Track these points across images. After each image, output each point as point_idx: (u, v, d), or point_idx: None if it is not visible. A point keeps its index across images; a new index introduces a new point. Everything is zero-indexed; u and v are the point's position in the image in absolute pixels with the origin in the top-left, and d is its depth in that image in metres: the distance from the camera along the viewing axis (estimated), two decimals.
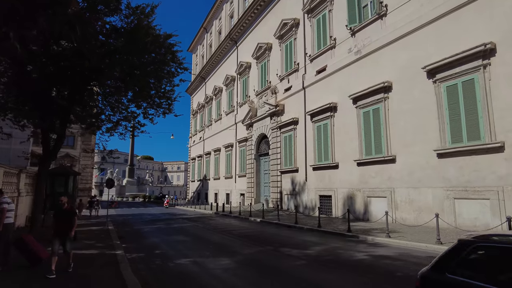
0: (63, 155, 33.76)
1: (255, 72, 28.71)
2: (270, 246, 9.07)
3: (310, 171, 20.16)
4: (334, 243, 9.46)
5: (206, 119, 43.02)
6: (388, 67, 15.38)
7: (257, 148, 27.94)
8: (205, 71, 43.48)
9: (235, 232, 12.41)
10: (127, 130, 11.75)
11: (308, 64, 21.36)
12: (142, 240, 10.78)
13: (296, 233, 12.02)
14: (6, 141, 16.87)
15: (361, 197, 16.30)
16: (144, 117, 11.78)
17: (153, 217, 22.26)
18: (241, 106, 31.62)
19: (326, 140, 18.84)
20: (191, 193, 47.78)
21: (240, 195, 30.27)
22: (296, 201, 21.30)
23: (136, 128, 11.76)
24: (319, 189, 19.26)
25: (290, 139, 22.30)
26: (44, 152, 9.39)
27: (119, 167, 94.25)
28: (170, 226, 15.59)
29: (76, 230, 13.13)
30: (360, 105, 16.60)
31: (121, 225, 16.31)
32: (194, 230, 13.53)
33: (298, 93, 22.04)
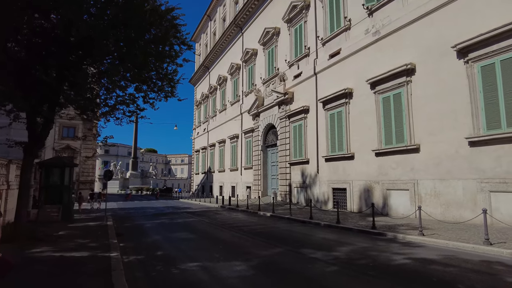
0: (64, 147, 32.86)
1: (262, 59, 27.35)
2: (288, 246, 7.89)
3: (322, 162, 18.93)
4: (361, 243, 8.27)
5: (210, 110, 41.77)
6: (411, 48, 14.03)
7: (264, 139, 26.71)
8: (209, 60, 42.11)
9: (245, 228, 11.25)
10: (125, 116, 10.58)
11: (320, 48, 19.99)
12: (142, 238, 9.66)
13: (313, 230, 10.83)
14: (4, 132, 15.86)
15: (380, 190, 15.08)
16: (144, 102, 10.58)
17: (156, 211, 21.20)
18: (246, 96, 30.33)
19: (340, 129, 17.56)
20: (195, 186, 46.78)
21: (246, 188, 29.16)
22: (306, 194, 20.12)
23: (134, 113, 10.57)
24: (332, 182, 18.04)
25: (300, 128, 21.04)
26: (30, 139, 8.25)
27: (123, 160, 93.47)
28: (174, 221, 14.47)
29: (71, 226, 12.11)
30: (379, 90, 15.28)
31: (121, 220, 15.23)
32: (200, 226, 12.39)
33: (309, 80, 20.70)
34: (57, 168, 14.59)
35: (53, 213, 13.83)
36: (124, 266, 5.82)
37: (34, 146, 8.22)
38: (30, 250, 7.09)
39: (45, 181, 14.46)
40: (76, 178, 32.87)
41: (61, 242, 8.09)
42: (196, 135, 48.29)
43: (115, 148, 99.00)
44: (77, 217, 16.20)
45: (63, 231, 10.26)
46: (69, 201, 14.85)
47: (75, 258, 6.34)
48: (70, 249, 7.19)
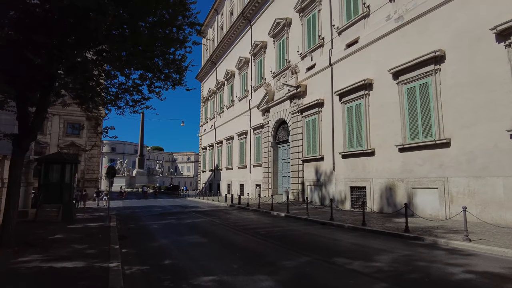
0: (69, 144, 32.10)
1: (272, 52, 26.18)
2: (316, 254, 6.78)
3: (338, 159, 17.76)
4: (400, 249, 7.14)
5: (217, 106, 40.74)
6: (440, 33, 12.81)
7: (275, 135, 25.59)
8: (216, 55, 41.05)
9: (261, 231, 10.17)
10: (128, 105, 9.53)
11: (336, 38, 18.78)
12: (148, 242, 8.61)
13: (337, 233, 9.71)
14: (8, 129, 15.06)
15: (404, 188, 13.90)
16: (149, 91, 9.53)
17: (163, 210, 20.23)
18: (255, 90, 29.21)
19: (359, 123, 16.38)
20: (202, 184, 45.86)
21: (255, 186, 28.09)
22: (321, 193, 18.99)
23: (139, 102, 9.53)
24: (350, 180, 16.88)
25: (314, 123, 19.88)
26: (21, 130, 7.26)
27: (129, 158, 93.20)
28: (182, 221, 13.45)
29: (70, 227, 11.14)
30: (403, 81, 14.08)
31: (125, 220, 14.24)
32: (211, 228, 11.33)
33: (324, 71, 19.52)
34: (57, 165, 13.65)
35: (53, 213, 12.90)
36: (124, 281, 4.78)
37: (25, 139, 7.23)
38: (16, 258, 6.09)
39: (45, 179, 13.53)
40: (81, 176, 32.14)
41: (54, 248, 7.10)
42: (203, 132, 47.33)
43: (122, 146, 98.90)
44: (80, 217, 15.28)
45: (60, 234, 9.29)
46: (70, 200, 13.92)
47: (66, 270, 5.31)
48: (63, 258, 6.17)
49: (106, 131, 10.06)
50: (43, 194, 13.24)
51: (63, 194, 13.49)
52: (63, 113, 31.94)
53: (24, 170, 13.68)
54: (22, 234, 8.83)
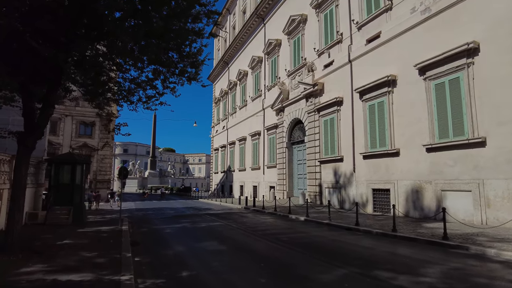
0: (81, 145, 31.93)
1: (287, 50, 25.44)
2: (351, 265, 5.99)
3: (359, 159, 16.89)
4: (446, 260, 6.30)
5: (229, 107, 40.17)
6: (472, 24, 11.89)
7: (289, 136, 24.80)
8: (228, 55, 40.51)
9: (282, 237, 9.41)
10: (140, 101, 8.92)
11: (355, 33, 17.94)
12: (162, 249, 7.95)
13: (367, 240, 8.89)
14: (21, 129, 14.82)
15: (432, 191, 12.98)
16: (163, 87, 8.91)
17: (176, 212, 19.66)
18: (269, 90, 28.49)
19: (382, 122, 15.50)
20: (214, 185, 45.31)
21: (269, 188, 27.32)
22: (340, 195, 18.13)
23: (152, 98, 8.91)
24: (372, 182, 15.98)
25: (332, 123, 19.04)
26: (26, 127, 6.71)
27: (141, 159, 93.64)
28: (197, 225, 12.78)
29: (80, 231, 10.59)
30: (430, 76, 13.18)
31: (138, 223, 13.67)
32: (228, 233, 10.62)
33: (342, 68, 18.68)
34: (67, 165, 13.17)
35: (63, 216, 12.41)
36: None
37: (30, 137, 6.67)
38: (18, 269, 5.49)
39: (55, 180, 13.06)
40: (93, 177, 31.94)
41: (61, 256, 6.50)
42: (214, 133, 46.84)
43: (134, 147, 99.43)
44: (91, 219, 14.78)
45: (69, 239, 8.71)
46: (81, 202, 13.42)
47: (72, 285, 4.66)
48: (70, 269, 5.54)
49: (119, 128, 9.48)
50: (53, 195, 12.77)
51: (73, 195, 13.00)
52: (75, 114, 31.88)
53: (34, 170, 13.25)
54: (29, 239, 8.30)
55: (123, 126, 9.48)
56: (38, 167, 13.40)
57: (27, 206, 12.28)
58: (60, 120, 31.18)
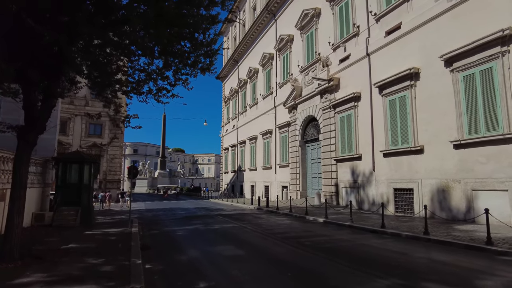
0: (91, 145, 31.62)
1: (299, 45, 24.65)
2: (391, 276, 5.20)
3: (379, 157, 16.03)
4: (501, 271, 5.48)
5: (239, 106, 39.54)
6: (507, 10, 10.97)
7: (303, 134, 24.01)
8: (238, 53, 39.88)
9: (304, 240, 8.65)
10: (151, 93, 8.28)
11: (373, 25, 17.08)
12: (175, 255, 7.26)
13: (399, 245, 8.07)
14: None
15: (461, 191, 12.08)
16: (175, 79, 8.24)
17: (187, 213, 19.06)
18: (281, 87, 27.72)
19: (403, 118, 14.63)
20: (225, 185, 44.72)
21: (282, 188, 26.57)
22: (359, 195, 17.28)
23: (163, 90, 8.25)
24: (394, 181, 15.11)
25: (349, 119, 18.20)
26: (27, 121, 6.12)
27: (151, 159, 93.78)
28: (210, 227, 12.11)
29: (87, 234, 10.01)
30: (458, 68, 12.29)
31: (148, 225, 13.07)
32: (244, 236, 9.89)
33: (360, 62, 17.84)
34: (75, 164, 12.64)
35: (70, 217, 11.87)
36: None
37: (31, 131, 6.08)
38: (14, 279, 4.84)
39: (62, 179, 12.55)
40: (103, 177, 31.62)
41: (64, 263, 5.88)
42: (224, 132, 46.28)
43: (144, 148, 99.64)
44: (100, 220, 14.26)
45: (75, 243, 8.11)
46: (89, 203, 12.88)
47: None
48: (72, 279, 4.88)
49: (128, 120, 8.84)
50: (60, 196, 12.25)
51: (81, 196, 12.47)
52: (85, 114, 31.53)
53: (41, 170, 12.76)
54: (32, 242, 7.75)
55: (133, 117, 8.84)
56: (45, 166, 12.91)
57: (34, 207, 11.79)
58: (70, 120, 30.94)
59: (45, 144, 13.94)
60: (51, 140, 14.74)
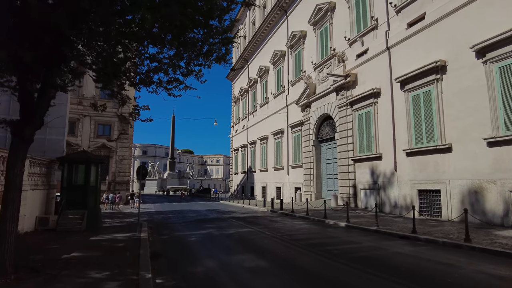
0: (99, 146, 31.18)
1: (313, 41, 23.76)
2: None
3: (401, 157, 15.07)
4: None
5: (249, 105, 38.77)
6: None
7: (317, 133, 23.10)
8: (248, 52, 39.15)
9: (332, 249, 7.73)
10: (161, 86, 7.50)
11: (393, 17, 16.13)
12: (188, 266, 6.44)
13: (439, 253, 7.13)
14: (41, 130, 13.85)
15: (497, 192, 11.07)
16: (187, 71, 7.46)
17: (198, 215, 18.32)
18: (293, 85, 26.86)
19: (429, 114, 13.66)
20: (234, 187, 43.96)
21: (295, 189, 25.66)
22: (379, 197, 16.32)
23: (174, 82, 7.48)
24: (418, 182, 14.14)
25: (368, 117, 17.26)
26: (22, 114, 5.40)
27: (160, 161, 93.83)
28: (224, 231, 11.31)
29: (93, 240, 9.29)
30: (492, 58, 11.30)
31: (158, 229, 12.34)
32: (263, 242, 9.01)
33: (379, 56, 16.90)
34: (81, 165, 11.98)
35: (76, 220, 11.20)
36: None
37: (27, 126, 5.38)
38: None
39: (68, 181, 11.89)
40: (112, 178, 31.15)
41: (63, 278, 5.14)
42: (234, 133, 45.54)
43: (153, 149, 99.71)
44: (107, 224, 13.60)
45: (78, 251, 7.37)
46: (96, 206, 12.21)
47: None
48: None
49: (138, 112, 8.06)
50: (65, 198, 11.59)
51: (87, 198, 11.80)
52: (93, 114, 31.17)
53: (46, 171, 12.14)
54: (31, 251, 7.06)
55: (143, 109, 8.04)
56: (50, 167, 12.28)
57: (38, 210, 11.15)
58: (79, 121, 30.56)
59: (54, 145, 13.38)
60: (60, 141, 14.17)
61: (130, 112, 7.77)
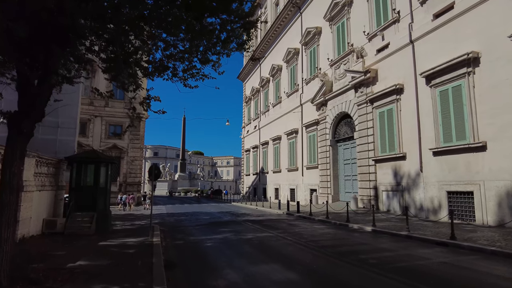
0: (111, 146, 30.82)
1: (329, 37, 22.91)
2: None
3: (428, 157, 14.12)
4: None
5: (261, 105, 38.04)
6: None
7: (334, 132, 22.20)
8: (260, 51, 38.43)
9: (367, 258, 6.85)
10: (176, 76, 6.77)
11: (417, 9, 15.19)
12: (208, 278, 5.63)
13: (490, 264, 6.25)
14: (52, 131, 13.37)
15: None
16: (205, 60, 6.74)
17: (211, 218, 17.63)
18: (308, 83, 26.02)
19: (459, 110, 12.69)
20: (246, 188, 43.21)
21: (310, 191, 24.78)
22: (403, 200, 15.36)
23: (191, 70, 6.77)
24: (447, 183, 13.17)
25: (390, 114, 16.33)
26: (20, 105, 4.76)
27: (171, 162, 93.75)
28: (242, 236, 10.52)
29: (102, 245, 8.61)
30: None
31: (171, 233, 11.66)
32: (287, 250, 8.16)
33: (402, 51, 15.98)
34: (90, 165, 11.39)
35: (85, 223, 10.60)
36: None
37: (25, 118, 4.73)
38: None
39: (76, 181, 11.30)
40: (123, 179, 30.75)
41: None
42: (245, 133, 44.85)
43: (164, 151, 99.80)
44: (118, 227, 12.99)
45: (84, 259, 6.64)
46: (106, 208, 11.60)
47: None
48: None
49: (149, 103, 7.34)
50: (74, 200, 11.00)
51: (97, 200, 11.20)
52: (104, 115, 30.97)
53: (54, 171, 11.59)
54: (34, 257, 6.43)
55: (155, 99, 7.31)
56: (58, 167, 11.73)
57: (45, 212, 10.58)
58: (90, 121, 30.25)
59: (65, 146, 12.89)
60: (71, 142, 13.70)
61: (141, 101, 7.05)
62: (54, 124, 13.19)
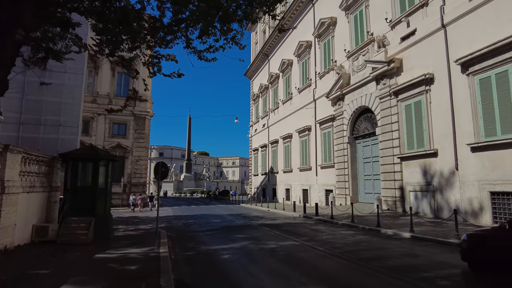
0: (114, 145, 29.66)
1: (345, 28, 21.43)
2: None
3: (465, 152, 12.60)
4: None
5: (270, 103, 36.61)
6: None
7: (352, 128, 20.70)
8: (268, 46, 37.01)
9: (432, 276, 5.30)
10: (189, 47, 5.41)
11: None
12: None
13: None
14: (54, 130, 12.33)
15: None
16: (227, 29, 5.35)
17: (223, 221, 16.25)
18: (322, 77, 24.55)
19: (504, 100, 11.19)
20: (254, 189, 41.79)
21: (325, 191, 23.30)
22: (434, 201, 13.86)
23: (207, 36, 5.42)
24: (490, 182, 11.65)
25: (418, 107, 14.83)
26: None
27: (176, 163, 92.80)
28: (263, 245, 9.07)
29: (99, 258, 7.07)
30: None
31: (180, 240, 10.28)
32: (323, 264, 6.65)
33: (431, 37, 14.48)
34: (88, 162, 10.06)
35: (81, 230, 9.24)
36: None
37: None
38: None
39: (72, 182, 9.96)
40: (128, 180, 29.56)
41: None
42: (253, 132, 43.42)
43: (169, 151, 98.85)
44: (121, 231, 11.68)
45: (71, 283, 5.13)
46: (106, 212, 10.26)
47: None
48: None
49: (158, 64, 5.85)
50: (69, 203, 9.67)
51: (96, 203, 9.85)
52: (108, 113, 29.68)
53: (47, 170, 10.27)
54: (9, 278, 5.07)
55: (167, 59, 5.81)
56: (52, 165, 10.39)
57: (36, 217, 9.26)
58: (93, 120, 29.08)
59: (67, 145, 11.85)
60: (74, 141, 12.65)
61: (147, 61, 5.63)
62: (56, 123, 12.45)
